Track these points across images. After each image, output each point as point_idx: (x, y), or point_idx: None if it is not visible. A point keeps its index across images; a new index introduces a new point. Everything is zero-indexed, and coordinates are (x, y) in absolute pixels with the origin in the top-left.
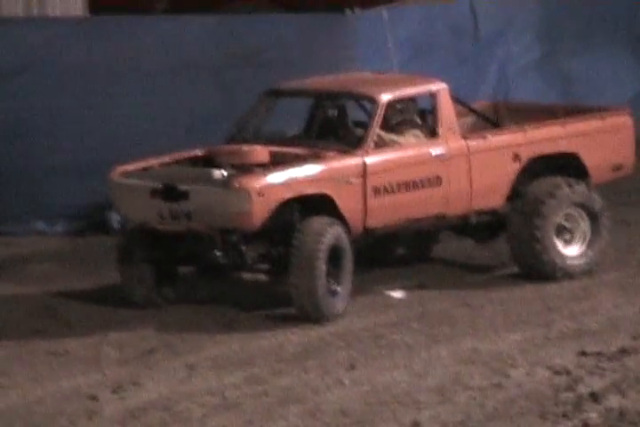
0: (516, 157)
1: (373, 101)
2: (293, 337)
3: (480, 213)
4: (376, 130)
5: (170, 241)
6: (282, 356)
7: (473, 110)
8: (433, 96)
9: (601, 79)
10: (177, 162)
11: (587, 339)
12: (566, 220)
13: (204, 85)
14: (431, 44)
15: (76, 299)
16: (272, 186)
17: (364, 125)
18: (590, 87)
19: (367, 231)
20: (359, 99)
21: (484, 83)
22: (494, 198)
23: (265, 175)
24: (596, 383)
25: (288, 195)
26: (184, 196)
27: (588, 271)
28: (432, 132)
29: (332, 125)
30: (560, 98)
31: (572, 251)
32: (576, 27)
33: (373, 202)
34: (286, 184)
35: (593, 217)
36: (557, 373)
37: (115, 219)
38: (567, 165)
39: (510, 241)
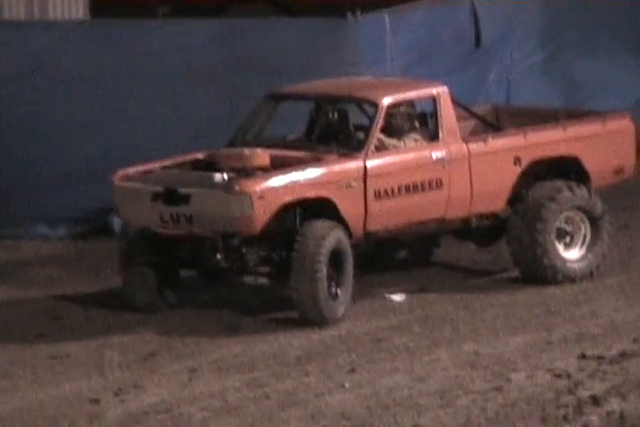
0: (517, 161)
1: (374, 105)
2: (295, 341)
3: (481, 216)
4: (377, 133)
5: (171, 245)
6: (283, 359)
7: (474, 114)
8: (434, 99)
9: (604, 83)
10: (178, 166)
11: (587, 342)
12: (567, 223)
13: (206, 90)
14: (433, 48)
15: (78, 303)
16: (273, 189)
17: (365, 129)
18: (594, 91)
19: (368, 235)
20: (360, 102)
21: (486, 87)
22: (495, 202)
23: (266, 179)
24: (597, 387)
25: (289, 198)
26: (185, 199)
27: (589, 275)
28: (433, 136)
29: (333, 129)
30: (563, 102)
31: (572, 254)
32: (579, 30)
33: (374, 205)
34: (287, 188)
35: (594, 221)
36: (558, 376)
37: (116, 223)
38: (568, 169)
39: (511, 245)
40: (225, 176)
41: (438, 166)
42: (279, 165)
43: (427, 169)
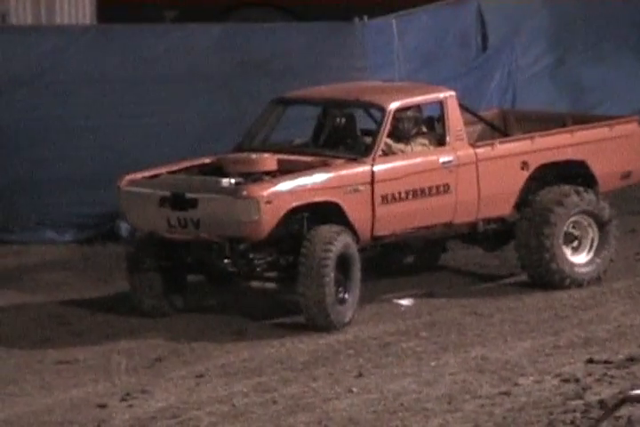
0: (525, 165)
1: (381, 109)
2: (302, 346)
3: (488, 221)
4: (384, 138)
5: (179, 249)
6: (290, 364)
7: (481, 118)
8: (441, 104)
9: (611, 88)
10: (185, 170)
11: (595, 347)
12: (575, 228)
13: (212, 94)
14: (439, 52)
15: (86, 307)
16: (280, 194)
17: (373, 134)
18: (601, 95)
19: (375, 239)
20: (367, 107)
21: (493, 91)
22: (502, 206)
23: (273, 183)
24: (605, 391)
25: (296, 203)
26: (192, 204)
27: (597, 279)
28: (440, 140)
29: (340, 134)
30: (571, 106)
31: (580, 259)
32: (587, 34)
33: (381, 210)
34: (294, 192)
35: (601, 225)
36: (566, 381)
37: (124, 227)
38: (575, 173)
39: (518, 249)
40: (232, 181)
41: (445, 171)
42: (286, 170)
43: (434, 174)
